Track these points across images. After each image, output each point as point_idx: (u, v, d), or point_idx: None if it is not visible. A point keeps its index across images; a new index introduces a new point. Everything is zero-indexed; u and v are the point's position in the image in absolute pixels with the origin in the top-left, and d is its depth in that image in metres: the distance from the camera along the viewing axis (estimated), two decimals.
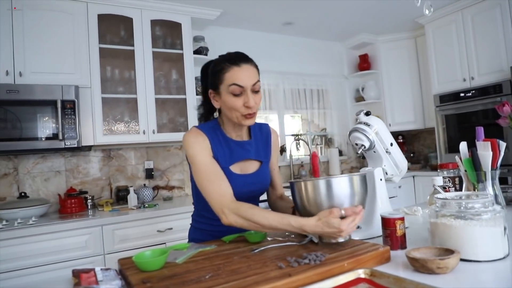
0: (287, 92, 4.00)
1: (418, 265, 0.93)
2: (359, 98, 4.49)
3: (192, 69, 3.06)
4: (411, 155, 4.53)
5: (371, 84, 4.36)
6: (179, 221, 2.53)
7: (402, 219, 1.19)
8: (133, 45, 2.85)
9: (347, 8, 3.46)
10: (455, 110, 3.55)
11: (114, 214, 2.45)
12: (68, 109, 2.53)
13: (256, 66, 1.34)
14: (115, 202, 2.96)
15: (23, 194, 2.61)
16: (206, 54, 3.24)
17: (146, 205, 2.69)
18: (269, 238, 1.27)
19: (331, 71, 4.41)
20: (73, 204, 2.69)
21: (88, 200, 2.82)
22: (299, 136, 4.11)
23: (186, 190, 3.35)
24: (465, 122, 3.47)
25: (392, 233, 1.18)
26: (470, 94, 3.39)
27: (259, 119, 3.95)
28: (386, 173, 1.53)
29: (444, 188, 1.60)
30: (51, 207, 2.73)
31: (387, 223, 1.19)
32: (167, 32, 3.14)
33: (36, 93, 2.44)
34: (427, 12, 1.75)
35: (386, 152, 1.51)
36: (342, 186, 1.09)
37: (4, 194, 2.70)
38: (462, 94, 3.46)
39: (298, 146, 4.21)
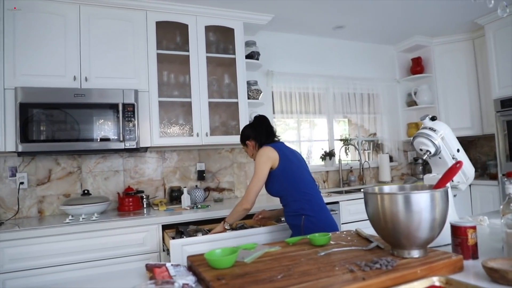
0: (337, 96, 3.96)
1: (497, 276, 0.89)
2: (411, 103, 4.35)
3: (244, 73, 3.12)
4: None
5: (424, 88, 4.21)
6: None
7: (474, 227, 1.15)
8: (188, 51, 2.96)
9: (401, 10, 3.37)
10: None
11: (169, 214, 2.54)
12: (128, 112, 2.66)
13: (240, 140, 2.25)
14: (168, 202, 3.07)
15: (86, 191, 2.78)
16: (257, 59, 3.29)
17: (199, 206, 2.77)
18: (332, 242, 1.26)
19: (382, 75, 4.31)
20: (130, 202, 2.83)
21: (144, 199, 2.95)
22: (349, 141, 4.04)
23: (236, 192, 3.41)
24: None
25: (463, 242, 1.14)
26: None
27: (304, 122, 3.94)
28: (452, 180, 1.48)
29: None
30: (110, 205, 2.88)
31: (457, 231, 1.15)
32: (220, 38, 3.22)
33: (100, 97, 2.60)
34: (499, 12, 1.66)
35: (453, 158, 1.46)
36: (422, 200, 1.02)
37: (69, 191, 2.89)
38: None
39: (348, 151, 4.14)
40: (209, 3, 2.94)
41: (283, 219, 2.73)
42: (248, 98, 3.16)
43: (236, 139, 2.88)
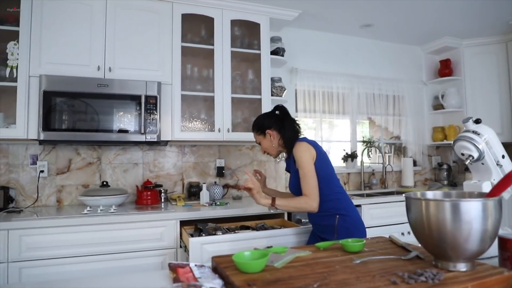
0: (361, 96, 3.84)
1: None
2: (438, 106, 4.20)
3: (268, 69, 3.04)
4: None
5: (452, 91, 4.05)
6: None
7: None
8: (213, 44, 2.90)
9: (431, 9, 3.24)
10: None
11: (187, 209, 2.49)
12: (151, 104, 2.62)
13: (255, 129, 2.09)
14: (186, 197, 3.02)
15: (104, 183, 2.76)
16: (282, 55, 3.21)
17: (218, 203, 2.71)
18: (366, 249, 1.18)
19: (408, 76, 4.17)
20: (148, 196, 2.79)
21: (162, 194, 2.91)
22: (372, 143, 3.93)
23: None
24: None
25: None
26: None
27: (324, 123, 3.84)
28: None
29: None
30: (128, 198, 2.84)
31: (507, 244, 1.05)
32: (245, 32, 3.15)
33: (123, 88, 2.56)
34: None
35: (497, 164, 1.35)
36: (473, 209, 0.92)
37: (88, 182, 2.87)
38: None
39: (370, 153, 4.03)
40: None
41: (304, 220, 2.65)
42: (272, 95, 3.09)
43: None
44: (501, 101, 3.85)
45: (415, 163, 4.12)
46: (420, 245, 1.24)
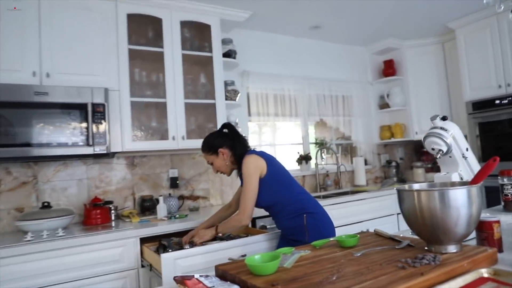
0: (313, 98, 4.08)
1: None
2: (384, 105, 4.60)
3: (221, 72, 3.12)
4: (438, 164, 4.61)
5: (397, 90, 4.47)
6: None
7: (499, 222, 1.26)
8: (162, 47, 2.91)
9: (376, 11, 3.57)
10: (490, 117, 3.66)
11: (145, 226, 2.47)
12: (98, 113, 2.56)
13: (207, 149, 2.21)
14: (139, 213, 2.98)
15: (46, 204, 2.61)
16: (234, 58, 3.31)
17: (177, 216, 2.72)
18: (359, 243, 1.32)
19: (355, 76, 4.52)
20: (98, 215, 2.69)
21: (112, 211, 2.83)
22: (324, 145, 4.18)
23: (211, 200, 3.38)
24: (501, 130, 3.57)
25: (489, 236, 1.24)
26: (507, 101, 3.51)
27: (283, 122, 4.01)
28: (461, 179, 1.60)
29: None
30: (74, 218, 2.72)
31: (483, 226, 1.25)
32: (196, 34, 3.21)
33: (66, 96, 2.47)
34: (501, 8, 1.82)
35: (463, 157, 1.58)
36: (459, 197, 1.10)
37: (22, 205, 2.70)
38: (497, 101, 3.58)
39: (323, 154, 4.26)
40: None
41: (269, 226, 2.76)
42: (226, 99, 3.17)
43: None
44: (441, 99, 4.34)
45: (366, 162, 4.46)
46: (403, 235, 1.41)
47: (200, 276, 1.12)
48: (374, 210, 3.57)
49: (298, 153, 4.06)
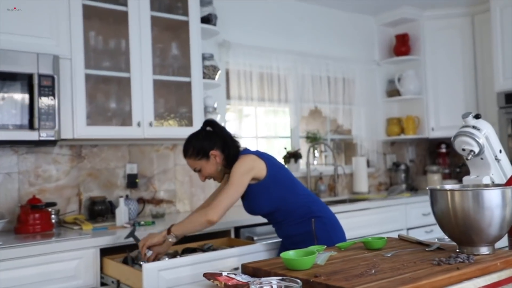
0: (307, 80, 4.46)
1: None
2: (393, 92, 5.03)
3: (199, 42, 3.43)
4: (457, 169, 5.16)
5: (410, 74, 4.89)
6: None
7: None
8: (126, 5, 3.14)
9: None
10: None
11: (102, 234, 2.74)
12: (45, 87, 2.76)
13: (194, 154, 2.42)
14: (88, 219, 3.19)
15: None
16: (215, 24, 3.62)
17: (142, 223, 3.02)
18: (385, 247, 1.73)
19: (359, 54, 4.93)
20: (37, 220, 2.87)
21: (52, 215, 3.05)
22: (318, 140, 4.56)
23: (178, 205, 3.70)
24: None
25: None
26: None
27: (270, 108, 4.36)
28: (493, 182, 2.04)
29: None
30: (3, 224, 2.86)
31: None
32: None
33: (3, 62, 2.64)
34: None
35: (495, 159, 2.02)
36: (493, 198, 1.51)
37: None
38: None
39: (315, 153, 4.65)
40: None
41: (256, 237, 3.11)
42: (204, 78, 3.46)
43: (190, 131, 3.12)
44: (466, 87, 4.79)
45: (368, 164, 4.89)
46: (432, 240, 1.84)
47: (229, 273, 1.48)
48: (378, 224, 3.99)
49: (285, 149, 4.44)
